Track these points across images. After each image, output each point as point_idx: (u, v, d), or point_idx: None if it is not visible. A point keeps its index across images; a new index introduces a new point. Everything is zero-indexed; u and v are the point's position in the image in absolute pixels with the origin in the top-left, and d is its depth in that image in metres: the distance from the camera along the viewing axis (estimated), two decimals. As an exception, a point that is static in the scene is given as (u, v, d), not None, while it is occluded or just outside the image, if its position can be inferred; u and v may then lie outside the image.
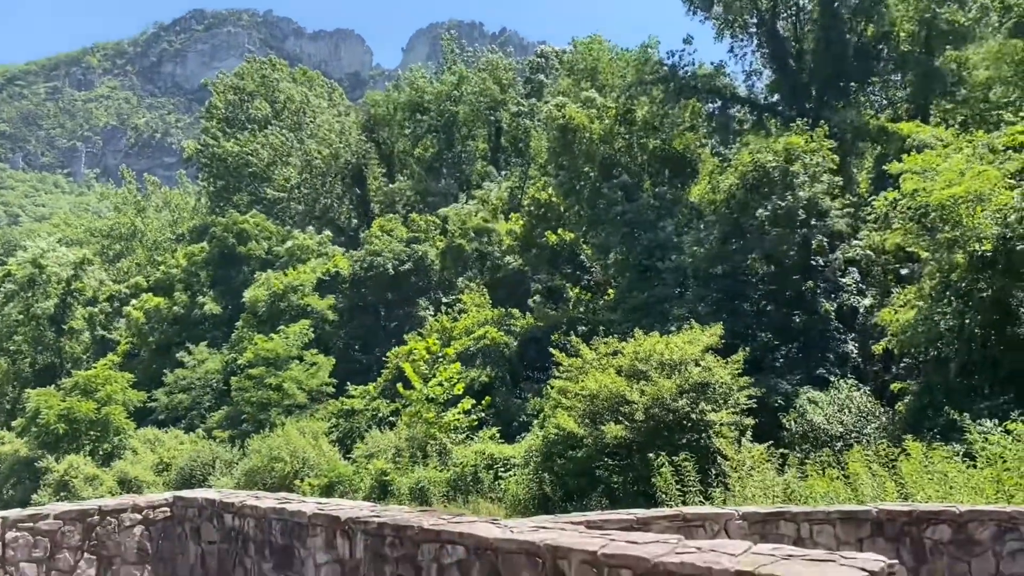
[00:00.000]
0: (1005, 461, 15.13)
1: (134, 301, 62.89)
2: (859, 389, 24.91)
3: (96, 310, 68.50)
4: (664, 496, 19.12)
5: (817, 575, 4.46)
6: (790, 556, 4.85)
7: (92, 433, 43.17)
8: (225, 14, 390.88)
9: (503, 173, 70.21)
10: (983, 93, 36.79)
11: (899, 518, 10.18)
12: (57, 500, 32.60)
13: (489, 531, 6.48)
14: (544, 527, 6.50)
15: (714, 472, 19.76)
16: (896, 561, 4.82)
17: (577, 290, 43.15)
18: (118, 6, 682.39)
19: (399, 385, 33.37)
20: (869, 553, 4.84)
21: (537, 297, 43.70)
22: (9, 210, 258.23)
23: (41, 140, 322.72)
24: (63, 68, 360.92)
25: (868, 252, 30.42)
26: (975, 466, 16.34)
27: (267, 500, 9.54)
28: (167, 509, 10.71)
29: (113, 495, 34.49)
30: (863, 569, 4.48)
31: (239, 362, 45.35)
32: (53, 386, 51.21)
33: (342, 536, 7.96)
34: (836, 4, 41.07)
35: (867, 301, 30.26)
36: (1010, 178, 23.53)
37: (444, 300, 49.08)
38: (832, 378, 26.94)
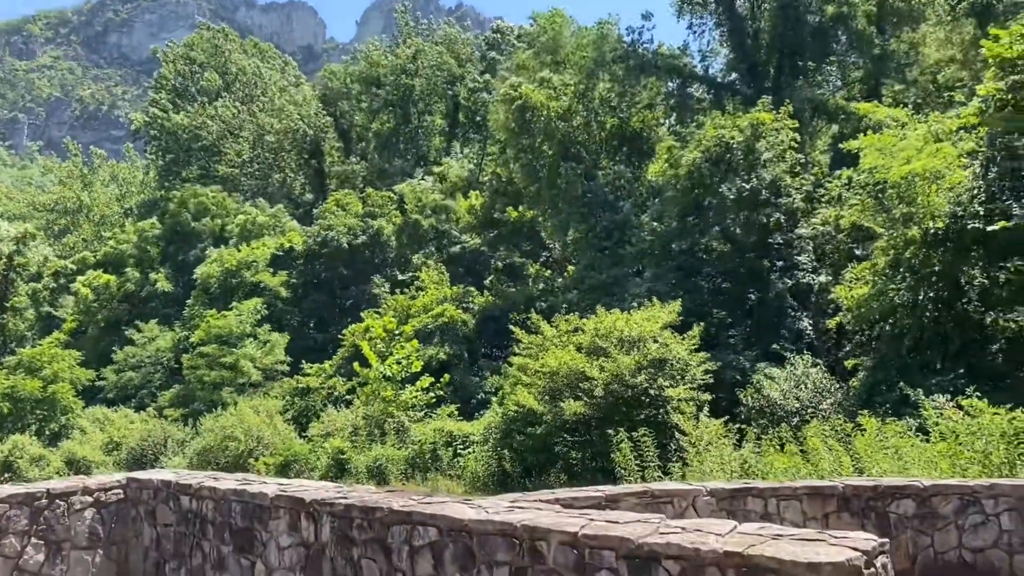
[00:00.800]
0: (958, 436, 15.37)
1: (81, 277, 61.20)
2: (816, 365, 25.19)
3: (40, 286, 66.60)
4: (623, 472, 19.17)
5: (809, 554, 4.36)
6: (778, 536, 4.74)
7: (38, 412, 42.00)
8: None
9: (463, 150, 69.69)
10: (932, 75, 37.31)
11: (864, 493, 10.25)
12: (1, 482, 31.70)
13: (463, 512, 6.29)
14: (519, 507, 6.33)
15: (672, 447, 19.89)
16: (886, 540, 4.75)
17: (536, 268, 43.04)
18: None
19: (355, 364, 33.00)
20: (859, 532, 4.76)
21: (495, 277, 43.53)
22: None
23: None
24: (3, 37, 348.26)
25: (824, 229, 30.72)
26: (928, 440, 16.61)
27: (226, 481, 9.24)
28: (120, 491, 10.34)
29: (61, 476, 33.66)
30: (855, 548, 4.39)
31: (191, 340, 44.44)
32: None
33: (307, 519, 7.71)
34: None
35: (822, 278, 30.61)
36: (964, 157, 23.91)
37: (401, 277, 48.63)
38: (788, 355, 27.25)
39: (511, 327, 28.29)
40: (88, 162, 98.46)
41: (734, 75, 44.35)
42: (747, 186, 30.35)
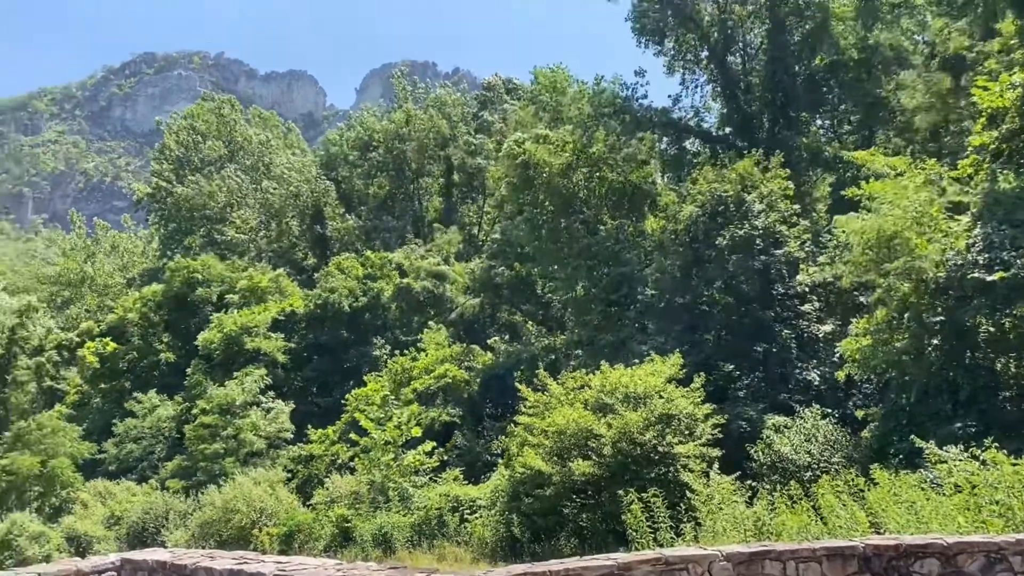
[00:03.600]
0: (975, 488, 14.97)
1: (88, 344, 60.98)
2: (824, 418, 24.82)
3: (43, 359, 66.34)
4: (635, 534, 18.72)
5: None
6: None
7: (37, 488, 41.43)
8: (176, 57, 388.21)
9: (458, 209, 70.22)
10: (910, 120, 37.62)
11: (886, 553, 9.87)
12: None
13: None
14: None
15: (683, 507, 19.44)
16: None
17: (537, 326, 42.86)
18: (66, 50, 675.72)
19: (352, 433, 32.66)
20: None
21: (497, 337, 43.32)
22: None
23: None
24: (9, 113, 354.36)
25: (827, 279, 30.61)
26: (943, 493, 16.20)
27: (223, 560, 8.92)
28: (114, 574, 10.01)
29: (61, 553, 33.03)
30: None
31: (193, 410, 44.05)
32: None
33: (304, 599, 7.39)
34: (783, 36, 41.87)
35: (827, 328, 30.37)
36: (956, 207, 23.96)
37: (403, 338, 48.44)
38: (796, 406, 26.89)
39: (516, 386, 28.00)
40: (91, 233, 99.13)
41: (728, 129, 44.73)
42: (740, 232, 30.41)
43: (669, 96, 45.69)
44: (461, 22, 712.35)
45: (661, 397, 23.74)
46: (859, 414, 25.91)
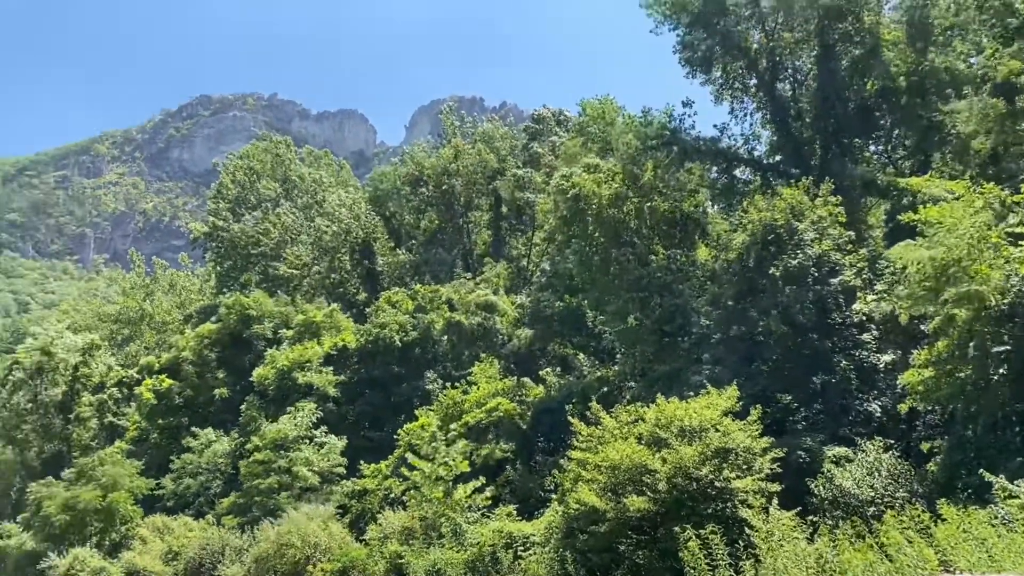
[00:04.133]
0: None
1: (146, 381, 62.28)
2: (887, 450, 24.08)
3: (105, 396, 67.88)
4: (693, 572, 18.35)
5: None
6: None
7: (97, 523, 42.17)
8: (231, 99, 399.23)
9: (508, 242, 70.45)
10: (967, 144, 36.74)
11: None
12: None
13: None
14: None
15: (742, 544, 18.98)
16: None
17: (589, 358, 42.55)
18: (126, 95, 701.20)
19: (404, 468, 32.64)
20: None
21: (548, 369, 43.05)
22: (19, 298, 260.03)
23: (51, 228, 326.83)
24: (72, 157, 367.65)
25: (885, 307, 29.85)
26: (1016, 530, 15.57)
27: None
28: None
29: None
30: None
31: (248, 446, 44.57)
32: (58, 476, 50.33)
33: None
34: (832, 62, 41.40)
35: (887, 358, 29.57)
36: (1020, 232, 23.21)
37: (454, 372, 48.51)
38: (857, 439, 26.15)
39: (568, 419, 27.73)
40: (150, 272, 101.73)
41: (779, 156, 44.20)
42: (793, 262, 29.91)
43: (715, 126, 45.25)
44: (508, 57, 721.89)
45: (717, 430, 23.29)
46: (924, 447, 25.10)
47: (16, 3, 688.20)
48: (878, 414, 28.28)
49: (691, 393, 26.57)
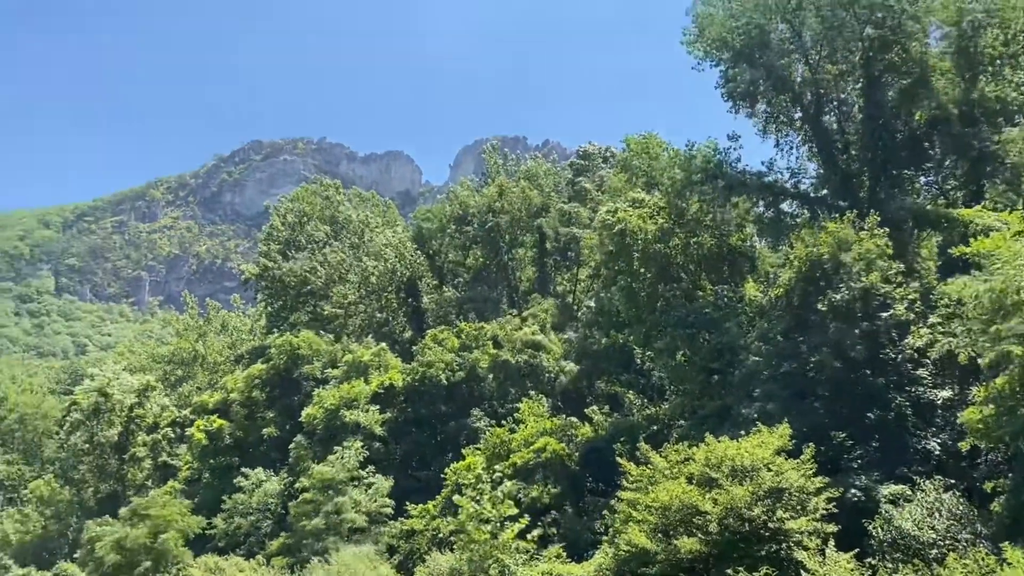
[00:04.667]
0: None
1: (197, 422, 63.11)
2: (948, 490, 23.29)
3: (159, 436, 68.90)
4: (747, 616, 17.87)
5: None
6: None
7: (148, 563, 42.55)
8: (281, 143, 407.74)
9: (553, 278, 70.37)
10: (1021, 173, 35.86)
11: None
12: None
13: None
14: None
15: (799, 587, 18.47)
16: None
17: (637, 395, 42.10)
18: (180, 141, 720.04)
19: (450, 509, 32.42)
20: None
21: (595, 406, 42.62)
22: (77, 340, 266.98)
23: (108, 272, 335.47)
24: (128, 202, 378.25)
25: (941, 342, 29.05)
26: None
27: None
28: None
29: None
30: None
31: (297, 485, 44.76)
32: (114, 515, 51.01)
33: None
34: (879, 93, 40.89)
35: (945, 393, 28.71)
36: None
37: (500, 409, 48.30)
38: (916, 478, 25.36)
39: (617, 459, 27.40)
40: (203, 313, 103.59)
41: (826, 189, 43.60)
42: (837, 296, 29.36)
43: (763, 162, 44.81)
44: (550, 96, 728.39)
45: (769, 470, 22.84)
46: (987, 486, 24.20)
47: (74, 55, 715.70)
48: (937, 452, 27.42)
49: (741, 432, 26.08)
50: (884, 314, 29.70)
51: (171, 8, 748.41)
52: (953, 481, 24.87)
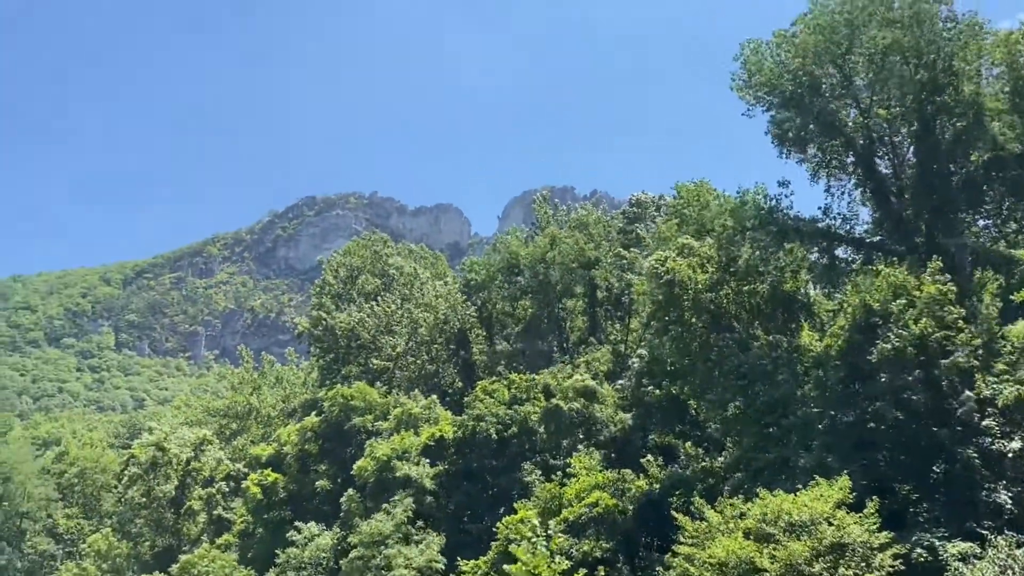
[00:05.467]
0: None
1: (251, 476, 63.52)
2: (1021, 546, 22.21)
3: (214, 490, 69.50)
4: None
5: None
6: None
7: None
8: (334, 199, 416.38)
9: (604, 328, 69.78)
10: None
11: None
12: None
13: None
14: None
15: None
16: None
17: (693, 447, 41.25)
18: (236, 198, 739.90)
19: (505, 564, 31.91)
20: None
21: (650, 457, 41.80)
22: (135, 394, 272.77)
23: (165, 327, 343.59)
24: (186, 259, 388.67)
25: (1008, 389, 28.00)
26: None
27: None
28: None
29: None
30: None
31: (349, 540, 44.56)
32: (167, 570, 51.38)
33: None
34: (933, 136, 40.23)
35: (1016, 444, 27.55)
36: None
37: (552, 462, 47.66)
38: (986, 533, 24.24)
39: (673, 513, 26.76)
40: (258, 367, 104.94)
41: (881, 234, 42.81)
42: (887, 346, 28.51)
43: (818, 208, 44.24)
44: (597, 146, 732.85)
45: (830, 524, 22.04)
46: (1064, 541, 23.05)
47: (132, 121, 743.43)
48: (1008, 506, 26.25)
49: (799, 485, 25.31)
50: (944, 361, 28.75)
51: (226, 71, 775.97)
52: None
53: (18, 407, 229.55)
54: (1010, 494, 26.32)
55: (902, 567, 21.85)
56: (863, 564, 21.82)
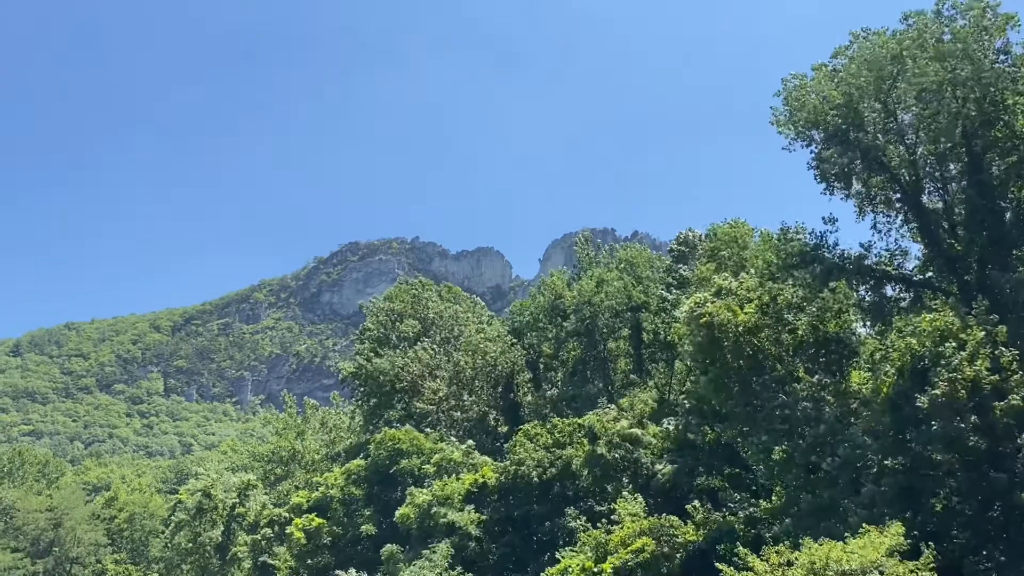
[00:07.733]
0: None
1: (296, 521, 63.39)
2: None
3: (258, 536, 69.50)
4: None
5: None
6: None
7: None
8: (377, 244, 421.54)
9: (649, 370, 68.91)
10: None
11: None
12: None
13: None
14: None
15: None
16: None
17: (739, 492, 40.27)
18: (282, 245, 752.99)
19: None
20: None
21: (696, 503, 40.87)
22: (183, 440, 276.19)
23: (213, 372, 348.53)
24: (233, 305, 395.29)
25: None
26: None
27: None
28: None
29: None
30: None
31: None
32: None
33: None
34: (982, 172, 39.39)
35: (1078, 488, 26.45)
36: None
37: (596, 508, 46.84)
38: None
39: (718, 564, 26.05)
40: (302, 411, 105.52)
41: (931, 272, 41.80)
42: (937, 392, 27.56)
43: (862, 244, 43.37)
44: (637, 186, 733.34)
45: (881, 574, 21.24)
46: None
47: (180, 173, 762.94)
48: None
49: (847, 532, 24.49)
50: (999, 404, 27.79)
51: (272, 122, 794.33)
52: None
53: (69, 452, 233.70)
54: (1075, 542, 25.26)
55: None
56: (920, 615, 20.89)
